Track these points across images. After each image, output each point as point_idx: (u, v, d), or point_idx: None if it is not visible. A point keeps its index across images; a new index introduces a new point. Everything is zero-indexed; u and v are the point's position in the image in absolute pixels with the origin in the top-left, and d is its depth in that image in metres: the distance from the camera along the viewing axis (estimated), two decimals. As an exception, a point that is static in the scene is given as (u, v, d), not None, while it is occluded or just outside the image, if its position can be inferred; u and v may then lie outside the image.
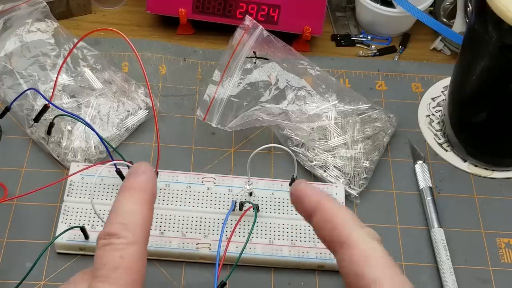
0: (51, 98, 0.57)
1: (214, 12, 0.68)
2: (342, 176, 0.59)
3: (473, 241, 0.57)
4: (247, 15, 0.62)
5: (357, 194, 0.58)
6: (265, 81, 0.61)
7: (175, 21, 0.70)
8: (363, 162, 0.59)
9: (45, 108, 0.57)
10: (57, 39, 0.64)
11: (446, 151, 0.63)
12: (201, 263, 0.53)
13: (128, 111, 0.61)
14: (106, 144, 0.54)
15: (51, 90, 0.58)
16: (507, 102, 0.56)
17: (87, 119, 0.59)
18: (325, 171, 0.59)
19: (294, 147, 0.60)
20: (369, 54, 0.72)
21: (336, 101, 0.62)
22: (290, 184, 0.57)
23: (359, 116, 0.62)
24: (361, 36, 0.74)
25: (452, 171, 0.62)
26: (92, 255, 0.52)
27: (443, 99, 0.67)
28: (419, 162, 0.61)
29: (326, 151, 0.60)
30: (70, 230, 0.51)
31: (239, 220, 0.52)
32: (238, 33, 0.60)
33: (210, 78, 0.59)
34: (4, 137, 0.59)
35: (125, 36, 0.52)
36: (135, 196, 0.40)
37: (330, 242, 0.39)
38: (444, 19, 0.74)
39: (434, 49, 0.73)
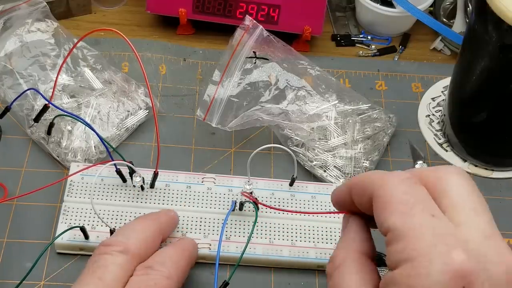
0: (51, 98, 0.57)
1: (214, 12, 0.68)
2: (342, 176, 0.59)
3: (473, 241, 0.57)
4: (247, 15, 0.62)
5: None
6: (265, 81, 0.61)
7: (175, 21, 0.70)
8: (363, 162, 0.59)
9: (45, 108, 0.57)
10: (57, 39, 0.64)
11: (446, 151, 0.63)
12: (201, 263, 0.53)
13: (128, 111, 0.61)
14: (106, 144, 0.54)
15: (51, 90, 0.58)
16: (507, 102, 0.56)
17: (87, 119, 0.59)
18: (325, 171, 0.59)
19: (294, 147, 0.60)
20: (369, 54, 0.72)
21: (336, 101, 0.62)
22: (290, 184, 0.57)
23: (359, 116, 0.62)
24: (361, 36, 0.74)
25: (452, 171, 0.62)
26: (92, 255, 0.53)
27: (443, 99, 0.67)
28: (419, 162, 0.61)
29: (326, 151, 0.60)
30: (70, 230, 0.51)
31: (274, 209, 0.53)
32: (238, 33, 0.60)
33: (210, 78, 0.59)
34: (4, 137, 0.59)
35: (125, 36, 0.52)
36: (175, 248, 0.48)
37: (367, 206, 0.36)
38: (444, 19, 0.74)
39: (434, 49, 0.73)
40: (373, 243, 0.37)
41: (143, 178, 0.54)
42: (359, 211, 0.37)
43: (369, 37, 0.74)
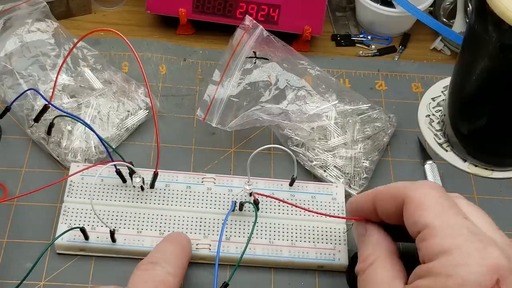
0: (51, 98, 0.57)
1: (214, 12, 0.68)
2: (342, 176, 0.59)
3: (473, 241, 0.57)
4: (247, 15, 0.62)
5: (357, 194, 0.58)
6: (265, 81, 0.61)
7: (175, 21, 0.70)
8: (363, 162, 0.59)
9: (45, 108, 0.57)
10: (57, 39, 0.64)
11: (446, 151, 0.63)
12: (201, 264, 0.53)
13: (128, 111, 0.61)
14: (105, 144, 0.54)
15: (51, 90, 0.58)
16: (507, 102, 0.56)
17: (87, 119, 0.59)
18: (325, 171, 0.59)
19: (294, 147, 0.60)
20: (369, 54, 0.72)
21: (336, 101, 0.62)
22: (290, 184, 0.57)
23: (359, 116, 0.62)
24: (361, 36, 0.74)
25: (452, 171, 0.62)
26: (92, 256, 0.53)
27: (443, 99, 0.67)
28: (429, 162, 0.61)
29: (326, 151, 0.60)
30: (70, 231, 0.51)
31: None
32: (238, 33, 0.60)
33: (210, 78, 0.59)
34: (4, 137, 0.59)
35: (124, 37, 0.52)
36: (175, 244, 0.48)
37: (392, 213, 0.40)
38: (444, 19, 0.74)
39: (434, 49, 0.73)
40: (396, 244, 0.42)
41: (143, 178, 0.54)
42: (378, 220, 0.43)
43: (369, 37, 0.74)
